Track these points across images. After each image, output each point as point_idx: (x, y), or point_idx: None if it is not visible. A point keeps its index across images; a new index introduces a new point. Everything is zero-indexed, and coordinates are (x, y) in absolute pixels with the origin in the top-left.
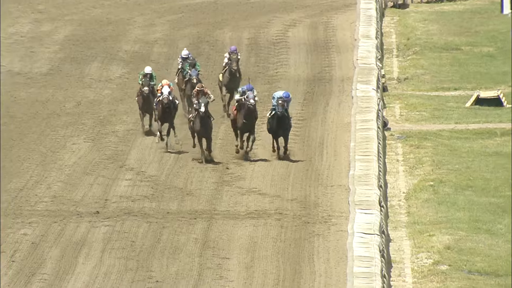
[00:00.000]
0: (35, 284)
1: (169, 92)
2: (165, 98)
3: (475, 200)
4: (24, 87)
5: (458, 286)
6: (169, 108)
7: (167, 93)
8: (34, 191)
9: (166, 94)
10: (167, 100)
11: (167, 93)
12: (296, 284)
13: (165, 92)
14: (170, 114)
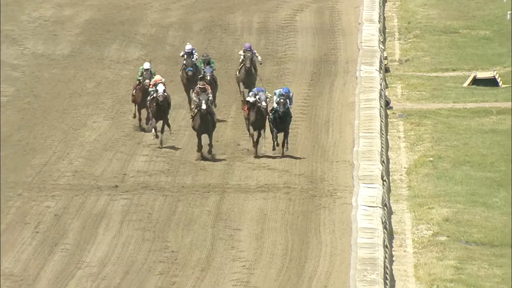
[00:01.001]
0: (58, 253)
1: (163, 89)
2: (160, 96)
3: (472, 174)
4: (47, 68)
5: (456, 256)
6: (163, 106)
7: (162, 90)
8: (56, 166)
9: (161, 92)
10: (162, 97)
11: (162, 91)
12: (304, 254)
13: (160, 90)
14: (165, 111)
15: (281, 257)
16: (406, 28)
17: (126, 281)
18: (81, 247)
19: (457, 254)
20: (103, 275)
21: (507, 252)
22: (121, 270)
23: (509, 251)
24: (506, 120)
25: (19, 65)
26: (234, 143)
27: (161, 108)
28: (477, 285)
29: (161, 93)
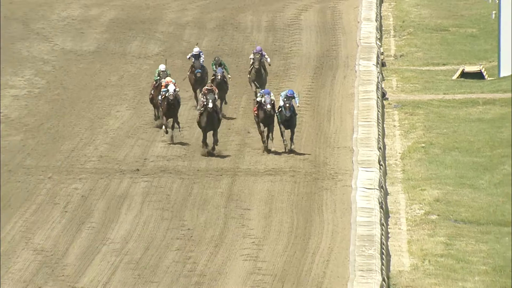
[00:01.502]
0: (84, 231)
1: (174, 89)
2: (171, 95)
3: (460, 159)
4: (75, 63)
5: (445, 233)
6: (174, 104)
7: (173, 90)
8: (83, 151)
9: (172, 91)
10: (173, 96)
11: (172, 90)
12: (307, 232)
13: (171, 89)
14: (175, 110)
15: (287, 234)
16: (401, 26)
17: (147, 256)
18: (105, 225)
19: (446, 231)
20: (125, 251)
21: (492, 230)
22: (142, 246)
23: (494, 228)
24: (491, 109)
25: (50, 60)
26: (244, 131)
27: (171, 107)
28: (465, 259)
29: (171, 92)
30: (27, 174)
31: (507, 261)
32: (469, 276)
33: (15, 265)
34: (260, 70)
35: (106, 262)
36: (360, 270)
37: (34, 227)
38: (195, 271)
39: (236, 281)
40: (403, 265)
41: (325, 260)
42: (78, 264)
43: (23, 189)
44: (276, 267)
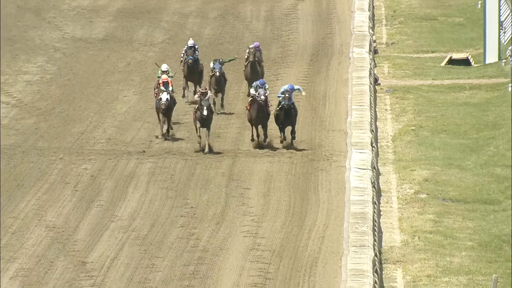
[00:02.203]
0: (94, 209)
1: (167, 98)
2: (163, 104)
3: (448, 141)
4: (84, 50)
5: (434, 211)
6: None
7: (165, 99)
8: (92, 134)
9: (164, 101)
10: (165, 106)
11: (165, 100)
12: (304, 210)
13: (163, 98)
14: (169, 113)
15: (285, 212)
16: (392, 15)
17: (152, 232)
18: (113, 203)
19: (435, 209)
20: (132, 227)
21: (478, 208)
22: (148, 223)
23: (480, 207)
24: (477, 94)
25: (61, 47)
26: (245, 115)
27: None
28: (452, 236)
29: (164, 101)
30: (39, 155)
31: (492, 237)
32: (456, 251)
33: (28, 240)
34: (254, 64)
35: (114, 238)
36: (353, 246)
37: (46, 205)
38: (198, 247)
39: (236, 256)
40: (394, 241)
41: (320, 236)
42: (88, 240)
43: (36, 169)
44: (275, 243)
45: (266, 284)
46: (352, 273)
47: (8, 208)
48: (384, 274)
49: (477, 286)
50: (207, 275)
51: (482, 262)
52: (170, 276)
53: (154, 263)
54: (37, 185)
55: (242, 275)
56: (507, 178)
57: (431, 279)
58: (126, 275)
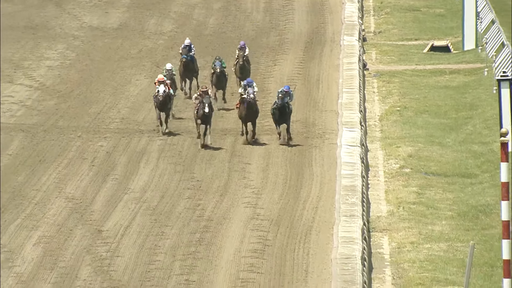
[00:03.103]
0: (109, 182)
1: (164, 90)
2: (161, 96)
3: (430, 121)
4: (100, 38)
5: (417, 184)
6: (165, 101)
7: (162, 91)
8: (108, 114)
9: (161, 92)
10: (162, 97)
11: (162, 91)
12: (299, 183)
13: (160, 90)
14: (166, 105)
15: (282, 185)
16: (379, 7)
17: (162, 203)
18: (127, 177)
19: (418, 182)
20: (144, 199)
21: (457, 181)
22: (158, 195)
23: (458, 180)
24: (456, 78)
25: (79, 35)
26: None
27: (163, 104)
28: (434, 206)
29: (161, 93)
30: (59, 134)
31: (470, 208)
32: (437, 220)
33: (49, 211)
34: (244, 65)
35: (127, 209)
36: (344, 216)
37: (66, 179)
38: (203, 217)
39: (238, 225)
40: (381, 211)
41: (314, 207)
42: (103, 210)
43: (56, 146)
44: (273, 213)
45: (265, 250)
46: (343, 240)
47: (31, 181)
48: (372, 241)
49: (455, 252)
50: (212, 242)
51: (460, 230)
52: (178, 243)
53: (164, 231)
54: (58, 160)
55: (243, 242)
56: (483, 154)
57: (414, 246)
58: (138, 242)
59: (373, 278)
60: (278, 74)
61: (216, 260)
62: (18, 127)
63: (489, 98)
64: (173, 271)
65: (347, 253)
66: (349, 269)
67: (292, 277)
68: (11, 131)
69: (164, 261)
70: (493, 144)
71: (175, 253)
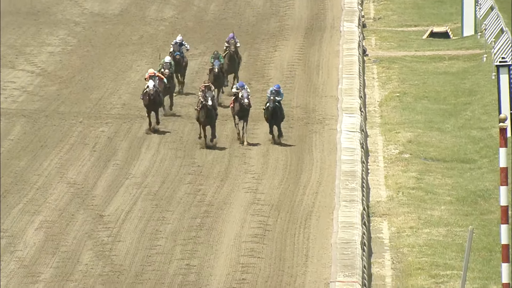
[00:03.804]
0: (110, 167)
1: (153, 84)
2: (151, 90)
3: (429, 106)
4: (102, 24)
5: (416, 169)
6: (155, 98)
7: (152, 86)
8: (109, 100)
9: (151, 87)
10: (153, 92)
11: (152, 86)
12: (300, 168)
13: (150, 85)
14: (155, 103)
15: (282, 170)
16: None
17: (163, 188)
18: (128, 162)
19: (417, 168)
20: (145, 184)
21: (456, 166)
22: (159, 180)
23: (457, 165)
24: (455, 64)
25: (80, 22)
26: (247, 83)
27: (152, 101)
28: (433, 191)
29: (151, 88)
30: (61, 119)
31: (469, 193)
32: (436, 205)
33: (51, 196)
34: (233, 55)
35: (128, 194)
36: (344, 201)
37: (68, 164)
38: (204, 202)
39: (238, 210)
40: (381, 196)
41: (314, 192)
42: (105, 195)
43: (58, 131)
44: (273, 198)
45: (265, 235)
46: (343, 225)
47: (33, 166)
48: (371, 226)
49: (454, 236)
50: (212, 227)
51: (459, 215)
52: (179, 228)
53: (165, 216)
54: (59, 146)
55: (244, 227)
56: (482, 139)
57: (414, 230)
58: (139, 227)
59: (373, 263)
60: (279, 60)
61: (217, 245)
62: (20, 112)
63: (488, 84)
64: (174, 255)
65: (347, 238)
66: (349, 253)
67: (292, 262)
68: (13, 117)
69: (165, 246)
70: (492, 130)
71: (176, 238)
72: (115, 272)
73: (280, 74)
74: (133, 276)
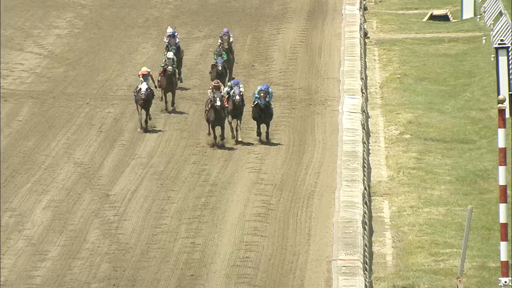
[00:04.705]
0: (117, 148)
1: (146, 88)
2: (143, 94)
3: (429, 88)
4: (108, 7)
5: (417, 150)
6: (146, 101)
7: (145, 89)
8: (115, 81)
9: (144, 90)
10: (145, 95)
11: (144, 89)
12: (302, 148)
13: (143, 88)
14: (147, 104)
15: (285, 151)
16: None
17: (168, 168)
18: (134, 143)
19: (418, 148)
20: (150, 164)
21: (456, 147)
22: (164, 160)
23: (457, 145)
24: (455, 46)
25: (87, 5)
26: (249, 65)
27: (145, 103)
28: (433, 171)
29: (143, 91)
30: (68, 100)
31: (468, 173)
32: (436, 185)
33: (59, 175)
34: (227, 52)
35: (134, 174)
36: (345, 180)
37: (75, 144)
38: (209, 181)
39: (242, 190)
40: (382, 176)
41: (316, 172)
42: (111, 175)
43: (65, 112)
44: (276, 178)
45: (268, 214)
46: (344, 205)
47: (41, 146)
48: (372, 205)
49: (454, 215)
50: (216, 206)
51: (458, 194)
52: (183, 207)
53: (170, 196)
54: (66, 126)
55: (247, 206)
56: (481, 120)
57: (414, 210)
58: (145, 206)
59: (374, 241)
60: (281, 43)
61: (221, 224)
62: (28, 94)
63: (487, 66)
64: (179, 234)
65: (348, 217)
66: (351, 232)
67: (294, 240)
68: (21, 98)
69: (170, 225)
70: (491, 111)
71: (181, 216)
72: (121, 250)
73: (283, 56)
74: (139, 254)
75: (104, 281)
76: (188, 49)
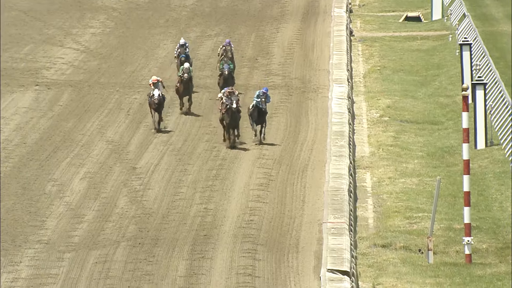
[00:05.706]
0: (142, 128)
1: (158, 93)
2: (156, 99)
3: (404, 78)
4: (134, 10)
5: (394, 130)
6: (159, 105)
7: (157, 95)
8: (140, 72)
9: (156, 96)
10: (157, 100)
11: (157, 95)
12: (298, 129)
13: (156, 94)
14: (160, 108)
15: (283, 131)
16: None
17: (185, 145)
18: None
19: (395, 128)
20: (170, 142)
21: (427, 127)
22: (181, 139)
23: (428, 126)
24: (426, 43)
25: (117, 8)
26: (253, 58)
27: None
28: (407, 148)
29: (156, 97)
30: (101, 88)
31: (437, 149)
32: (410, 159)
33: (93, 151)
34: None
35: (156, 150)
36: (334, 156)
37: (107, 125)
38: (219, 156)
39: (247, 163)
40: (364, 152)
41: (309, 148)
42: (137, 151)
43: (98, 98)
44: (275, 154)
45: (269, 184)
46: (333, 176)
47: (78, 127)
48: (357, 176)
49: (425, 185)
50: (226, 177)
51: (429, 167)
52: (198, 178)
53: (186, 168)
54: (100, 110)
55: (251, 177)
56: (448, 105)
57: (392, 180)
58: (165, 177)
59: (358, 207)
60: (280, 40)
61: (229, 192)
62: (68, 83)
63: (453, 59)
64: (194, 201)
65: (336, 187)
66: (338, 199)
67: (291, 206)
68: (62, 86)
69: (186, 193)
70: (456, 97)
71: (195, 186)
72: (145, 215)
73: (282, 51)
74: (160, 217)
75: (131, 240)
76: (201, 45)
